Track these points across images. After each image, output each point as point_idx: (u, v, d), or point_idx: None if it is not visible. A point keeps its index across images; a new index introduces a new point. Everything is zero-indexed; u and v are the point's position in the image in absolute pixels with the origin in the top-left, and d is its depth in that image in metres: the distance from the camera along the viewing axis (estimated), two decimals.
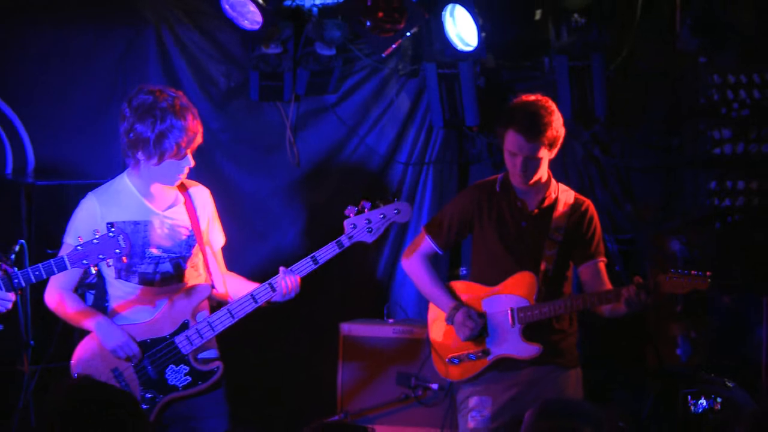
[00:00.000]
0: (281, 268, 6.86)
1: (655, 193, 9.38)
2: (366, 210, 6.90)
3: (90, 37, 9.12)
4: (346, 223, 6.89)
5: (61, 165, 9.02)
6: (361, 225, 6.91)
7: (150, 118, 6.64)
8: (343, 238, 6.86)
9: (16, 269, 6.48)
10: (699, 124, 8.99)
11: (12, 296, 6.48)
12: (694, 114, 9.07)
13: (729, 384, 8.12)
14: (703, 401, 8.02)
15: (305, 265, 6.83)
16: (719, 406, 7.99)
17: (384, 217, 6.88)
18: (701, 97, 8.93)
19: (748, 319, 8.73)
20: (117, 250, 6.45)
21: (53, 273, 6.55)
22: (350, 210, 6.93)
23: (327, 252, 6.85)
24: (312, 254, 6.88)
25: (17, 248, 6.85)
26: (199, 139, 6.78)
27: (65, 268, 6.51)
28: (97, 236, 6.46)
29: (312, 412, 8.88)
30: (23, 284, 6.47)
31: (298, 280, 6.89)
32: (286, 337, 9.18)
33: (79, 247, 6.44)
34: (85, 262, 6.45)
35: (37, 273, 6.47)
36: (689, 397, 8.06)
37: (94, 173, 8.69)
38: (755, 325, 8.65)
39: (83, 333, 7.10)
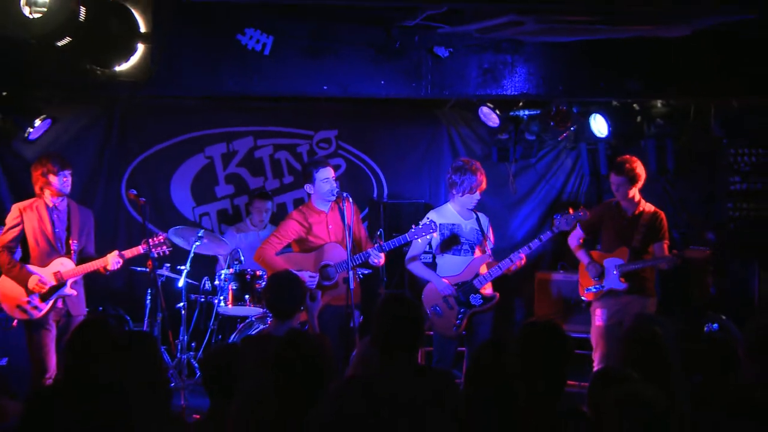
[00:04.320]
0: (512, 254, 7.02)
1: (700, 210, 9.25)
2: (564, 214, 7.04)
3: (415, 130, 9.56)
4: (555, 219, 7.05)
5: (398, 193, 9.49)
6: (563, 220, 7.01)
7: (459, 172, 6.98)
8: (554, 228, 7.03)
9: (381, 242, 7.03)
10: (723, 174, 8.92)
11: (382, 256, 7.02)
12: (720, 169, 8.96)
13: (723, 317, 8.10)
14: (711, 326, 8.00)
15: (536, 243, 7.02)
16: (719, 329, 7.97)
17: (576, 217, 7.04)
18: (724, 161, 8.88)
19: (748, 275, 8.76)
20: (431, 229, 6.89)
21: (401, 244, 6.99)
22: (557, 214, 7.10)
23: (546, 235, 7.03)
24: (539, 235, 7.10)
25: (378, 233, 7.67)
26: (483, 186, 7.01)
27: (406, 240, 6.94)
28: (421, 224, 6.92)
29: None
30: (386, 249, 6.99)
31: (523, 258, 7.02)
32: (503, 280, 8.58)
33: (411, 230, 6.91)
34: (416, 236, 6.90)
35: (392, 244, 6.98)
36: (705, 323, 8.07)
37: (413, 197, 9.34)
38: (751, 277, 8.74)
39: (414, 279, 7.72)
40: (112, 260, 6.95)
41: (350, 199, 7.00)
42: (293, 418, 3.83)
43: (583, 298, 7.59)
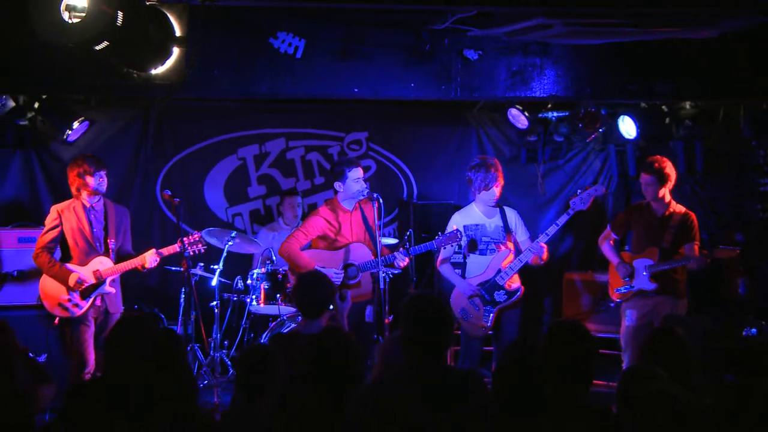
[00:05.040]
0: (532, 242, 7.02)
1: (728, 210, 9.21)
2: (579, 193, 7.05)
3: (445, 131, 9.55)
4: (570, 201, 7.06)
5: (428, 194, 9.52)
6: (577, 200, 7.01)
7: (474, 170, 7.08)
8: (570, 210, 7.00)
9: (408, 245, 7.14)
10: (752, 175, 8.97)
11: (407, 259, 7.07)
12: (749, 170, 8.99)
13: (763, 323, 8.04)
14: (750, 329, 7.98)
15: (553, 228, 6.97)
16: (757, 334, 7.94)
17: (590, 195, 7.02)
18: (753, 162, 8.90)
19: None
20: (457, 239, 7.01)
21: (427, 249, 7.06)
22: (573, 197, 7.09)
23: (562, 219, 6.99)
24: (555, 221, 7.06)
25: (407, 234, 7.58)
26: (501, 182, 7.07)
27: (433, 248, 7.04)
28: (447, 232, 7.05)
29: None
30: (412, 254, 7.09)
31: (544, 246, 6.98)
32: (531, 281, 8.08)
33: (438, 237, 7.02)
34: (441, 244, 7.00)
35: (419, 249, 7.06)
36: (744, 326, 8.04)
37: (442, 198, 9.32)
38: None
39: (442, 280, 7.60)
40: (150, 258, 7.07)
41: (380, 200, 7.03)
42: (324, 414, 3.85)
43: (613, 298, 7.57)
